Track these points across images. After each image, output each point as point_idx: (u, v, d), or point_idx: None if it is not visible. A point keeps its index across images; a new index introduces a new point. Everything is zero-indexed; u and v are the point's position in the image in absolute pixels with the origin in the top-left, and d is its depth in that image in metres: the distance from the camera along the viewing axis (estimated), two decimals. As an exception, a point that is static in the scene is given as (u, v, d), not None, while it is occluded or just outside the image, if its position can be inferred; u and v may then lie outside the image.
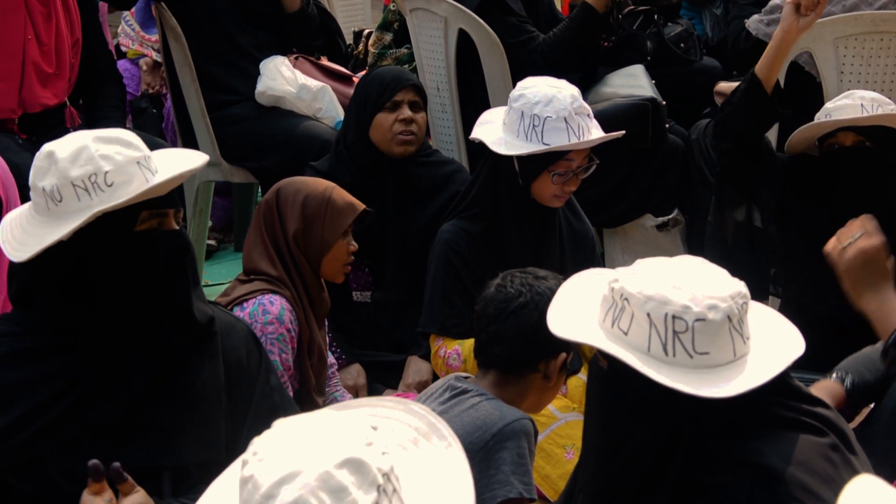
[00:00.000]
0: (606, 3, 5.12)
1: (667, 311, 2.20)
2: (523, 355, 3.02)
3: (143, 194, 2.62)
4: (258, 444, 1.84)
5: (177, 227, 2.75)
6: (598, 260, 4.29)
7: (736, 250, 4.89)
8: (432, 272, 4.05)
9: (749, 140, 4.22)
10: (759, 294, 3.77)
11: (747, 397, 2.19)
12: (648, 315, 2.21)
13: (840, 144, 4.13)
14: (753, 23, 4.98)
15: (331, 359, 3.98)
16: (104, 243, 2.64)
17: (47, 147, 2.65)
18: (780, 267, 4.40)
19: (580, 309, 2.37)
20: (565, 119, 3.80)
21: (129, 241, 2.66)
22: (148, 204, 2.67)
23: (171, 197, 2.72)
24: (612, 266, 5.10)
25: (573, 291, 2.44)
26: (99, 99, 4.85)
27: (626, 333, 2.24)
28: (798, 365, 2.32)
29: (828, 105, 4.17)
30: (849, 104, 4.10)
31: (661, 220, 5.21)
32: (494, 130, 3.94)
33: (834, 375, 3.22)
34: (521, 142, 3.84)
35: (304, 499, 1.75)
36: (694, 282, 2.25)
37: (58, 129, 4.71)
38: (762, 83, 4.09)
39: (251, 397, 2.85)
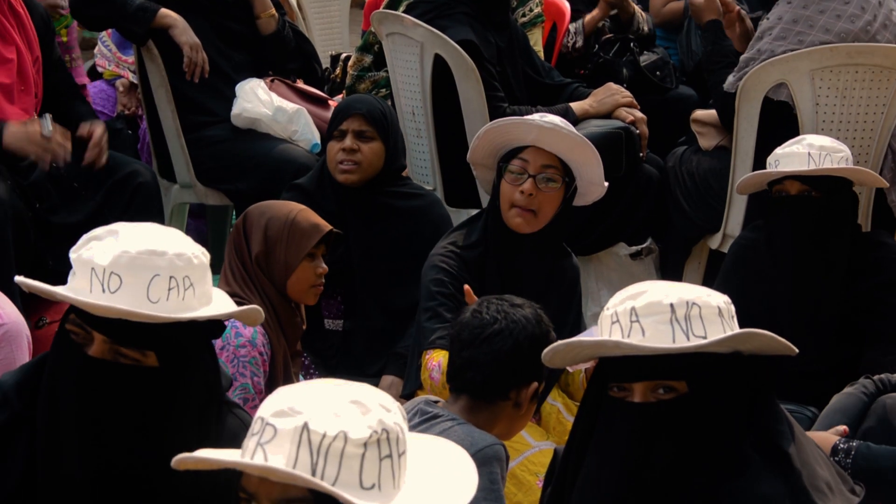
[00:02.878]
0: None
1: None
2: (495, 382, 3.01)
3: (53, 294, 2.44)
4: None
5: (99, 357, 2.45)
6: (578, 295, 4.24)
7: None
8: (423, 291, 3.94)
9: None
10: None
11: None
12: (719, 308, 2.33)
13: (786, 192, 4.17)
14: (728, 85, 4.97)
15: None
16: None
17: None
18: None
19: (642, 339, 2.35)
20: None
21: (59, 332, 2.54)
22: (78, 310, 2.47)
23: (103, 322, 2.43)
24: (586, 292, 5.16)
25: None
26: (71, 114, 4.85)
27: (705, 337, 2.29)
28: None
29: (777, 150, 4.20)
30: (797, 152, 4.13)
31: (634, 248, 5.22)
32: None
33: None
34: None
35: (300, 407, 1.88)
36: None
37: None
38: None
39: None
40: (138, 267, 2.42)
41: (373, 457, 1.88)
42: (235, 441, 2.35)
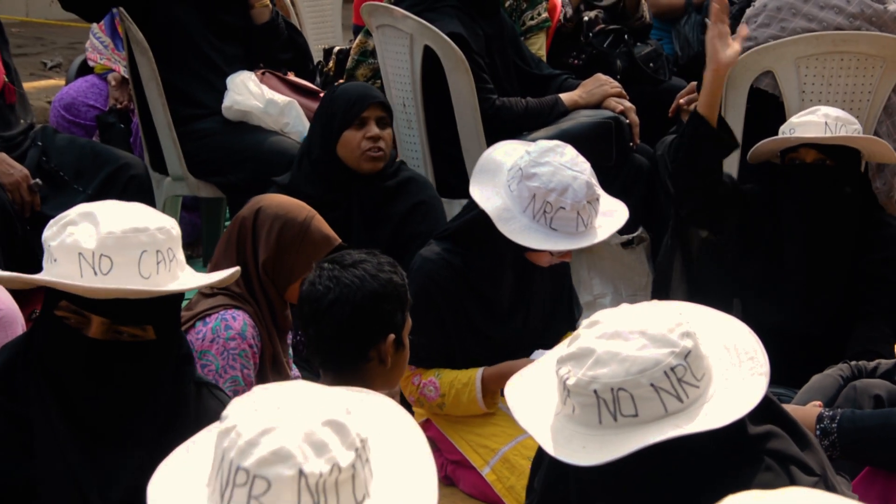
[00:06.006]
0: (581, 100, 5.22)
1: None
2: (349, 350, 3.01)
3: (35, 281, 2.47)
4: (237, 403, 1.89)
5: (95, 337, 2.49)
6: (572, 289, 4.27)
7: (700, 263, 4.92)
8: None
9: (709, 173, 4.22)
10: (724, 305, 3.80)
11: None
12: (652, 385, 2.21)
13: (801, 160, 4.19)
14: None
15: (295, 371, 3.98)
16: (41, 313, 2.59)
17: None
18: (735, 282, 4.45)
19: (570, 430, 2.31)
20: (578, 211, 3.69)
21: (46, 320, 2.55)
22: (70, 296, 2.49)
23: (99, 303, 2.47)
24: (577, 281, 5.18)
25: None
26: None
27: (636, 415, 2.22)
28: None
29: (793, 119, 4.22)
30: (813, 121, 4.15)
31: (626, 237, 5.23)
32: (498, 192, 3.79)
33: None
34: (528, 220, 3.71)
35: (287, 449, 1.80)
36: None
37: (3, 111, 4.71)
38: (707, 120, 4.11)
39: None
40: (126, 246, 2.46)
41: (359, 472, 1.89)
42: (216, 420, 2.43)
